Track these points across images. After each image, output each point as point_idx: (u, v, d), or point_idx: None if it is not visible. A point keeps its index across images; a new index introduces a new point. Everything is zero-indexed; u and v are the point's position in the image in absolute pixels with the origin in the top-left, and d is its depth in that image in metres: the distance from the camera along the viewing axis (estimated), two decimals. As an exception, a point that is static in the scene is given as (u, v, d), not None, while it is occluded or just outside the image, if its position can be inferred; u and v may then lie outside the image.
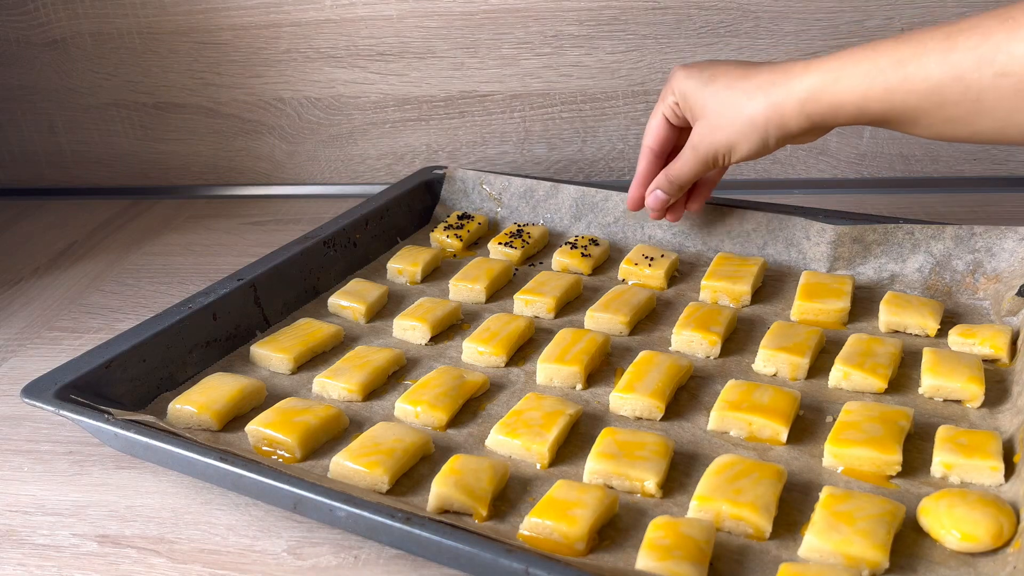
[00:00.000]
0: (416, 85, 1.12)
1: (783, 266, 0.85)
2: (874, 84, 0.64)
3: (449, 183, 1.00)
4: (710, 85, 0.73)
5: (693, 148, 0.75)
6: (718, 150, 0.74)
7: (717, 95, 0.72)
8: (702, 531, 0.51)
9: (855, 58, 0.65)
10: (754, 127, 0.70)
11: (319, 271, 0.85)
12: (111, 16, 1.13)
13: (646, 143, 0.82)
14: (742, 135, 0.71)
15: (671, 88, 0.77)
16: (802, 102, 0.67)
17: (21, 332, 0.86)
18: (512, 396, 0.68)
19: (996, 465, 0.56)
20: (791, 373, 0.69)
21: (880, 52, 0.64)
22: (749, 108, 0.70)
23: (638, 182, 0.83)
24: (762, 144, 0.71)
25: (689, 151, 0.76)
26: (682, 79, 0.75)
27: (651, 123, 0.81)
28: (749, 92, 0.70)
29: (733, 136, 0.72)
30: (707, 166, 0.76)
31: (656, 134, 0.81)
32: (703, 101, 0.73)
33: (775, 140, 0.71)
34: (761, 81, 0.70)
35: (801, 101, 0.67)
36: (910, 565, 0.51)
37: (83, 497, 0.63)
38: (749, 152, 0.73)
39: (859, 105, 0.65)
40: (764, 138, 0.71)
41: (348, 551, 0.57)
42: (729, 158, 0.74)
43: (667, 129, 0.80)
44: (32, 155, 1.23)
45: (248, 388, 0.67)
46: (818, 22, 1.03)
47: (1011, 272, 0.76)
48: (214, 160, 1.20)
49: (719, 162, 0.75)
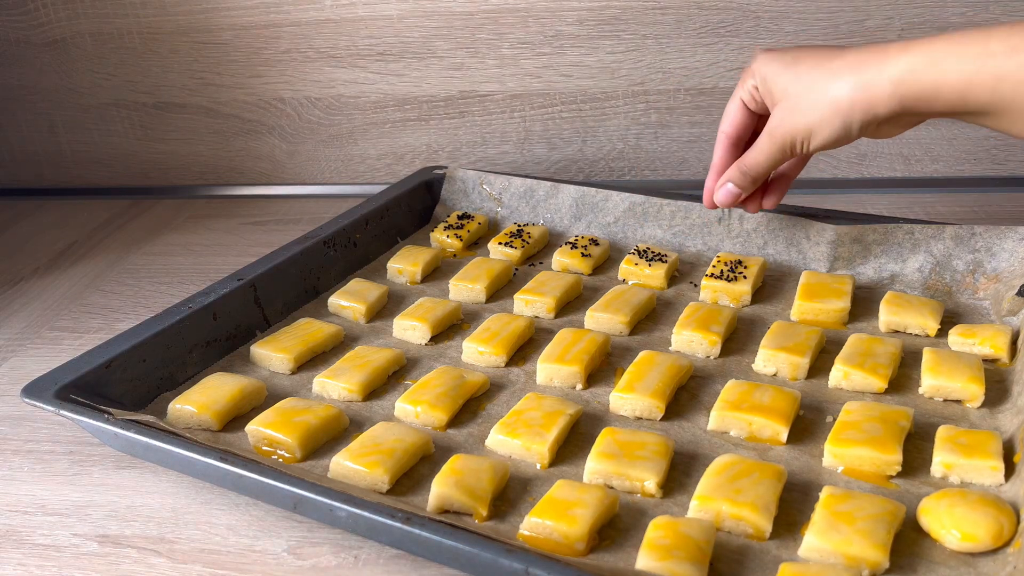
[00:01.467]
0: (416, 85, 1.12)
1: (783, 266, 0.85)
2: (982, 69, 0.59)
3: (449, 183, 1.00)
4: (793, 67, 0.68)
5: (769, 134, 0.70)
6: (796, 136, 0.68)
7: (800, 77, 0.67)
8: (702, 531, 0.51)
9: (963, 40, 0.60)
10: (837, 110, 0.65)
11: (319, 271, 0.85)
12: (111, 16, 1.13)
13: (722, 129, 0.76)
14: (823, 119, 0.66)
15: (751, 71, 0.72)
16: (896, 83, 0.61)
17: (21, 332, 0.86)
18: (512, 396, 0.68)
19: (996, 465, 0.56)
20: (791, 373, 0.69)
21: (992, 36, 0.59)
22: (834, 89, 0.65)
23: (713, 173, 0.77)
24: (844, 130, 0.66)
25: (765, 138, 0.71)
26: (763, 61, 0.70)
27: (728, 108, 0.76)
28: (836, 72, 0.65)
29: (814, 120, 0.66)
30: (784, 154, 0.70)
31: (732, 119, 0.75)
32: (784, 84, 0.68)
33: (859, 126, 0.65)
34: (850, 61, 0.64)
35: (895, 82, 0.61)
36: (910, 565, 0.51)
37: (83, 497, 0.63)
38: (829, 138, 0.67)
39: (961, 92, 0.60)
40: (847, 123, 0.65)
41: (348, 551, 0.57)
42: (808, 145, 0.68)
43: (744, 115, 0.75)
44: (32, 155, 1.23)
45: (248, 388, 0.67)
46: (818, 22, 1.03)
47: (1011, 272, 0.76)
48: (214, 160, 1.20)
49: (796, 149, 0.69)
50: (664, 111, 1.10)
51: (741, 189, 0.75)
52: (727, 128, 0.76)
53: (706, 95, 1.08)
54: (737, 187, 0.75)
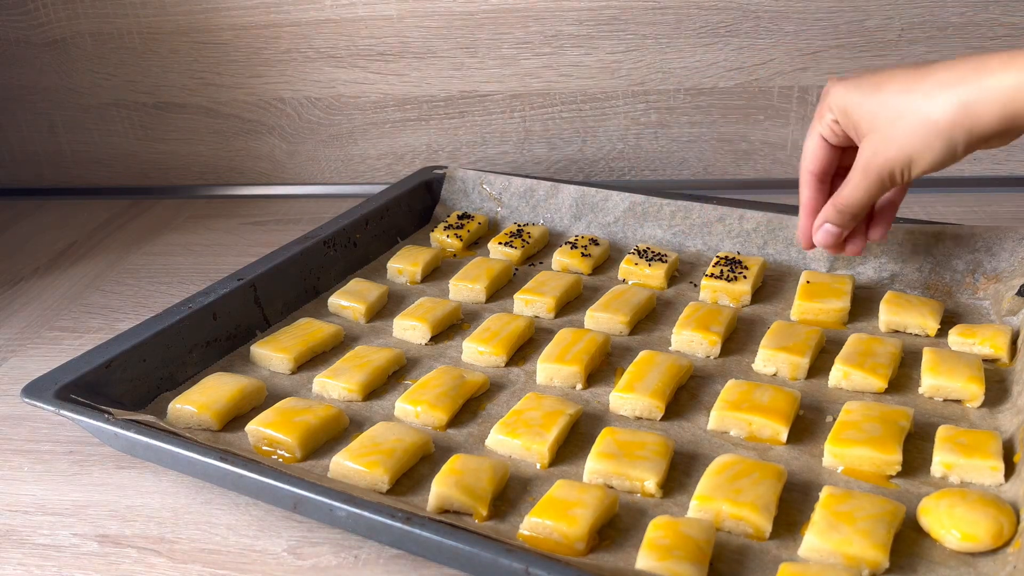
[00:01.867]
0: (416, 85, 1.12)
1: (783, 266, 0.85)
2: None
3: (449, 183, 1.00)
4: (877, 94, 0.63)
5: (863, 169, 0.65)
6: (894, 166, 0.63)
7: (887, 103, 0.62)
8: (702, 531, 0.51)
9: None
10: (938, 132, 0.60)
11: (319, 271, 0.85)
12: (111, 16, 1.13)
13: (805, 167, 0.72)
14: (923, 144, 0.61)
15: (827, 105, 0.67)
16: (1003, 99, 0.57)
17: (21, 332, 0.86)
18: (512, 396, 0.68)
19: (996, 465, 0.56)
20: (791, 373, 0.69)
21: None
22: (931, 111, 0.60)
23: (805, 213, 0.73)
24: (948, 152, 0.61)
25: (859, 173, 0.65)
26: (840, 93, 0.66)
27: (807, 145, 0.71)
28: (929, 93, 0.60)
29: (912, 146, 0.61)
30: (882, 187, 0.65)
31: (815, 156, 0.71)
32: (871, 113, 0.63)
33: (964, 145, 0.60)
34: (944, 79, 0.60)
35: (1002, 98, 0.57)
36: (910, 565, 0.51)
37: (83, 497, 0.63)
38: (933, 163, 0.62)
39: None
40: (951, 144, 0.60)
41: (348, 551, 0.57)
42: (908, 173, 0.64)
43: (826, 150, 0.70)
44: (32, 155, 1.23)
45: (248, 388, 0.67)
46: (818, 22, 1.03)
47: (1011, 272, 0.76)
48: (214, 160, 1.20)
49: (896, 180, 0.65)
50: (664, 111, 1.10)
51: (841, 228, 0.70)
52: (810, 167, 0.71)
53: (706, 95, 1.08)
54: (837, 226, 0.70)
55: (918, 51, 1.03)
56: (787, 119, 1.08)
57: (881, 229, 0.73)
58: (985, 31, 1.02)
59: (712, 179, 1.13)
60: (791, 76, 1.06)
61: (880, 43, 1.03)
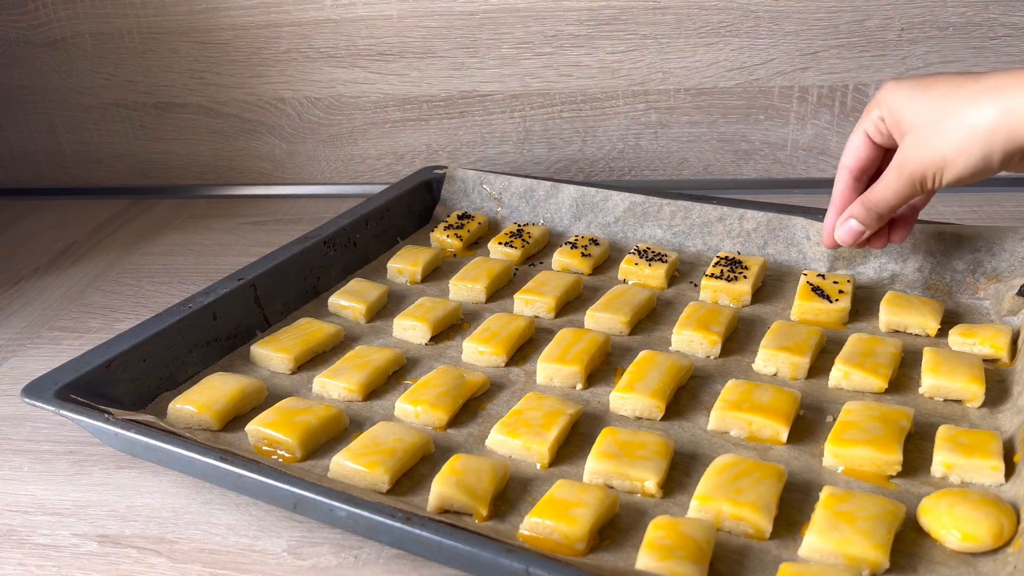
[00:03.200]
0: (416, 85, 1.12)
1: (783, 266, 0.85)
2: None
3: (449, 183, 1.00)
4: (924, 95, 0.62)
5: (898, 167, 0.64)
6: (927, 168, 0.62)
7: (931, 105, 0.61)
8: (702, 531, 0.51)
9: None
10: (974, 139, 0.59)
11: (319, 271, 0.85)
12: (111, 16, 1.13)
13: (844, 162, 0.71)
14: (959, 149, 0.60)
15: (877, 100, 0.67)
16: None
17: (21, 332, 0.86)
18: (512, 396, 0.68)
19: (996, 465, 0.56)
20: (791, 373, 0.69)
21: None
22: (971, 116, 0.59)
23: (834, 209, 0.72)
24: (983, 160, 0.59)
25: (893, 171, 0.65)
26: (891, 90, 0.65)
27: (851, 141, 0.70)
28: (972, 98, 0.59)
29: (948, 150, 0.60)
30: (913, 189, 0.64)
31: (856, 153, 0.70)
32: (914, 113, 0.62)
33: (1000, 156, 0.58)
34: (988, 85, 0.59)
35: None
36: (910, 565, 0.51)
37: (83, 497, 0.63)
38: (965, 170, 0.60)
39: None
40: (987, 152, 0.59)
41: (348, 551, 0.57)
42: (940, 179, 0.62)
43: (869, 148, 0.69)
44: (32, 155, 1.23)
45: (248, 388, 0.67)
46: (818, 22, 1.03)
47: (1011, 272, 0.76)
48: (214, 160, 1.20)
49: (928, 184, 0.63)
50: (664, 111, 1.10)
51: (865, 227, 0.70)
52: (849, 162, 0.71)
53: (706, 95, 1.08)
54: (861, 224, 0.70)
55: (918, 51, 1.03)
56: (787, 119, 1.08)
57: (902, 232, 0.73)
58: (985, 31, 1.02)
59: (712, 179, 1.13)
60: (791, 76, 1.06)
61: (880, 43, 1.03)
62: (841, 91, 1.06)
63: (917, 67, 1.04)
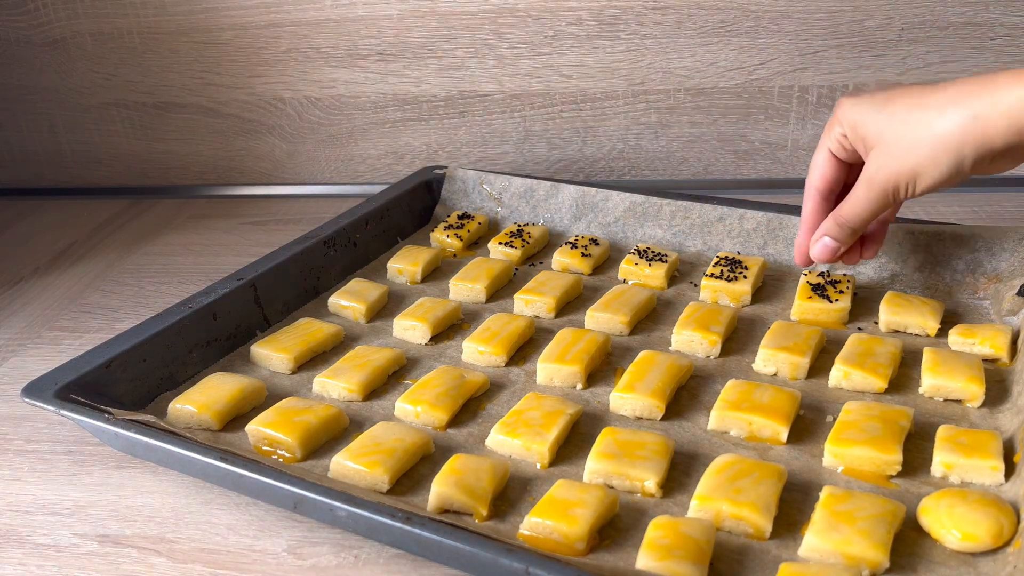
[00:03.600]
0: (416, 85, 1.12)
1: (783, 266, 0.85)
2: None
3: (449, 183, 1.00)
4: (886, 108, 0.63)
5: (868, 182, 0.64)
6: (899, 181, 0.62)
7: (895, 116, 0.62)
8: (702, 531, 0.51)
9: None
10: (946, 147, 0.59)
11: (319, 271, 0.85)
12: (111, 16, 1.13)
13: (810, 183, 0.71)
14: (930, 159, 0.60)
15: (836, 119, 0.67)
16: (1013, 113, 0.57)
17: (21, 332, 0.86)
18: (512, 396, 0.68)
19: (996, 465, 0.56)
20: (791, 373, 0.69)
21: None
22: (940, 125, 0.59)
23: (804, 229, 0.72)
24: (955, 168, 0.60)
25: (863, 187, 0.65)
26: (849, 107, 0.65)
27: (815, 160, 0.70)
28: (940, 107, 0.60)
29: (919, 161, 0.61)
30: (885, 202, 0.65)
31: (821, 172, 0.70)
32: (878, 127, 0.63)
33: (972, 161, 0.59)
34: (955, 94, 0.59)
35: (1012, 112, 0.57)
36: (910, 565, 0.51)
37: (83, 497, 0.63)
38: (939, 179, 0.61)
39: None
40: (958, 160, 0.59)
41: (348, 551, 0.57)
42: (913, 189, 0.63)
43: (834, 165, 0.70)
44: (32, 155, 1.23)
45: (248, 388, 0.67)
46: (818, 22, 1.03)
47: (1011, 272, 0.76)
48: (214, 160, 1.20)
49: (900, 195, 0.64)
50: (664, 111, 1.10)
51: (839, 243, 0.69)
52: (816, 182, 0.71)
53: (706, 95, 1.08)
54: (835, 241, 0.69)
55: (918, 51, 1.03)
56: (787, 119, 1.08)
57: (875, 246, 0.74)
58: (985, 31, 1.02)
59: (712, 179, 1.13)
60: (791, 76, 1.06)
61: (880, 43, 1.03)
62: (841, 91, 1.06)
63: (917, 67, 1.04)
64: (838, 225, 0.68)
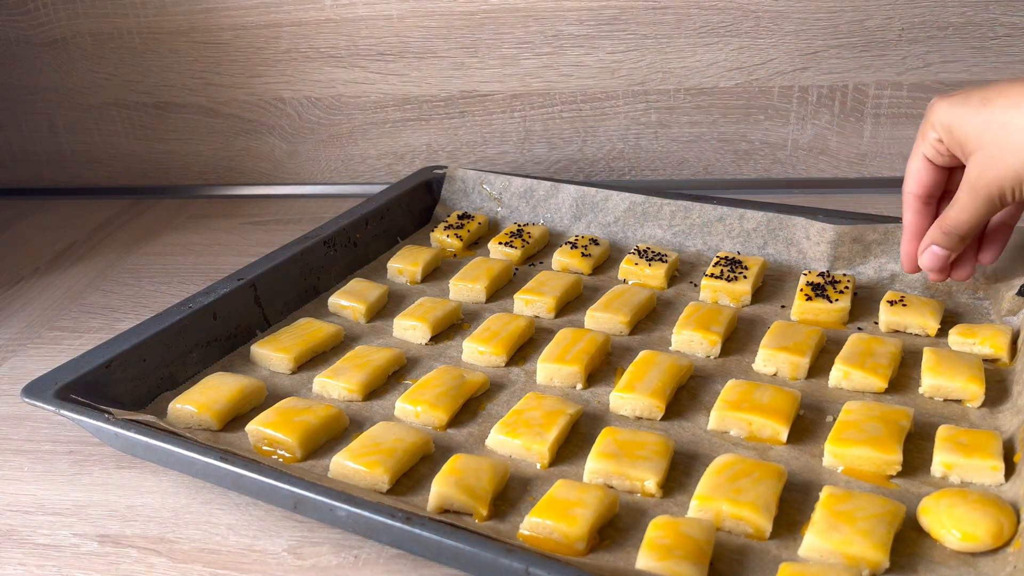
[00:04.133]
0: (416, 85, 1.12)
1: (783, 266, 0.85)
2: None
3: (449, 183, 1.00)
4: (983, 110, 0.60)
5: (971, 188, 0.62)
6: (1004, 185, 0.60)
7: (995, 119, 0.60)
8: (702, 531, 0.51)
9: None
10: None
11: (319, 271, 0.85)
12: (111, 16, 1.13)
13: (907, 188, 0.69)
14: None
15: (930, 123, 0.65)
16: None
17: (21, 332, 0.86)
18: (512, 396, 0.68)
19: (996, 465, 0.56)
20: (791, 373, 0.69)
21: None
22: None
23: (908, 237, 0.70)
24: None
25: (966, 193, 0.63)
26: (944, 109, 0.63)
27: (910, 166, 0.68)
28: None
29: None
30: (991, 208, 0.63)
31: (918, 178, 0.68)
32: (977, 130, 0.61)
33: None
34: None
35: None
36: (910, 565, 0.51)
37: (83, 497, 0.63)
38: None
39: None
40: None
41: (348, 551, 0.57)
42: (1020, 192, 0.61)
43: (931, 171, 0.68)
44: (32, 155, 1.23)
45: (248, 388, 0.67)
46: (818, 22, 1.03)
47: (1011, 272, 0.76)
48: (214, 160, 1.20)
49: (1008, 199, 0.62)
50: (664, 111, 1.10)
51: (949, 250, 0.68)
52: (914, 188, 0.69)
53: (706, 95, 1.08)
54: (944, 249, 0.67)
55: (918, 51, 1.03)
56: (787, 119, 1.08)
57: (993, 252, 0.71)
58: (985, 31, 1.02)
59: (712, 179, 1.13)
60: (791, 76, 1.06)
61: (880, 43, 1.03)
62: (841, 91, 1.06)
63: (917, 67, 1.04)
64: (944, 233, 0.67)
